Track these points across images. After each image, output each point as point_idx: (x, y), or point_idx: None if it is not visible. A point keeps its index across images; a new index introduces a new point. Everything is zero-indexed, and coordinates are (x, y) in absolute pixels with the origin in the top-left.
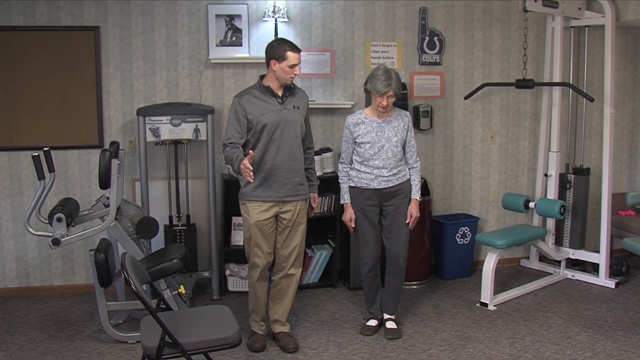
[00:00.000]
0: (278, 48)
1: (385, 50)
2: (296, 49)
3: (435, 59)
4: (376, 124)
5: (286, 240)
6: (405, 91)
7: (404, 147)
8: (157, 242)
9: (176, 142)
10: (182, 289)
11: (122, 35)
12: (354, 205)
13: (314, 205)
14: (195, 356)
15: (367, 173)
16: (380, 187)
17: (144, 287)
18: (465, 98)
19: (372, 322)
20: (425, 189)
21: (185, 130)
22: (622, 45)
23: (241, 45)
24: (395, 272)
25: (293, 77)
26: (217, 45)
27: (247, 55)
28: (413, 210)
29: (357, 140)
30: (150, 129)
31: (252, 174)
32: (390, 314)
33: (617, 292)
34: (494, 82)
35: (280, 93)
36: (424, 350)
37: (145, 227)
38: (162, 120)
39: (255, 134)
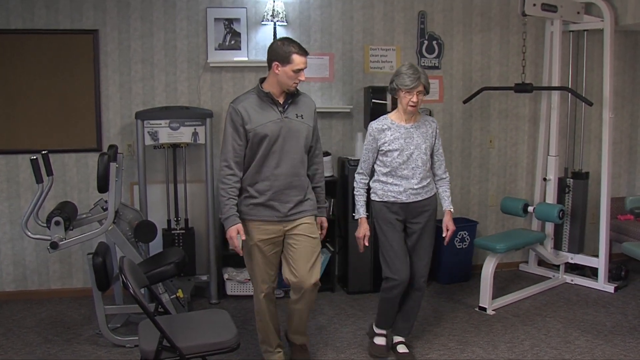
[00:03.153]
0: (282, 49)
1: (384, 55)
2: (303, 52)
3: (434, 63)
4: (404, 130)
5: (300, 260)
6: None
7: (431, 156)
8: (156, 245)
9: (175, 146)
10: (180, 293)
11: (121, 39)
12: (380, 219)
13: (322, 232)
14: None
15: (395, 185)
16: (409, 200)
17: (142, 290)
18: (464, 102)
19: (381, 341)
20: None
21: (184, 134)
22: (620, 50)
23: (240, 49)
24: (414, 293)
25: (297, 83)
26: (215, 49)
27: (246, 59)
28: (449, 223)
29: (382, 148)
30: (148, 132)
31: (239, 250)
32: (404, 337)
33: (616, 297)
34: (492, 86)
35: (281, 100)
36: (422, 355)
37: (143, 231)
38: (160, 124)
39: (253, 146)
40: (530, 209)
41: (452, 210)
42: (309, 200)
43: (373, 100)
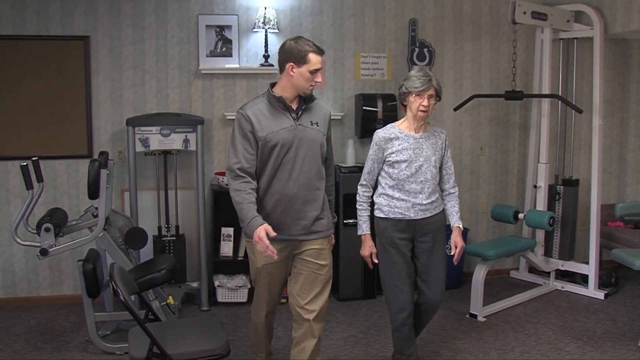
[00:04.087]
0: (297, 48)
1: (375, 62)
2: (319, 50)
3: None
4: (413, 140)
5: (304, 288)
6: (395, 102)
7: (439, 169)
8: (146, 252)
9: (165, 153)
10: (170, 300)
11: (112, 45)
12: (384, 239)
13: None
14: None
15: (402, 200)
16: (417, 217)
17: (133, 297)
18: (455, 109)
19: None
20: None
21: (175, 141)
22: (610, 57)
23: (231, 55)
24: (429, 311)
25: (314, 86)
26: (207, 56)
27: (237, 66)
28: (458, 240)
29: (389, 159)
30: (139, 139)
31: (273, 252)
32: None
33: (606, 303)
34: (483, 93)
35: (294, 106)
36: None
37: (134, 238)
38: (151, 131)
39: (263, 156)
40: (520, 216)
41: (461, 226)
42: (323, 220)
43: (364, 108)
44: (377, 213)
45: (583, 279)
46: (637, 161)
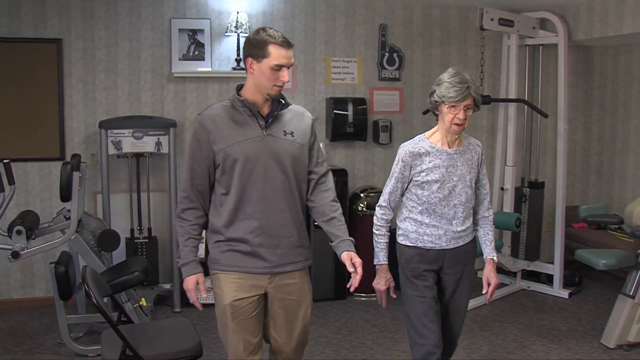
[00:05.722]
0: (256, 39)
1: (346, 66)
2: (284, 42)
3: (395, 75)
4: (446, 156)
5: (282, 326)
6: (365, 106)
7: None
8: (119, 255)
9: (138, 155)
10: (143, 302)
11: (85, 48)
12: (409, 270)
13: (351, 270)
14: None
15: (433, 226)
16: (449, 247)
17: (105, 300)
18: (424, 113)
19: None
20: None
21: (147, 144)
22: (574, 64)
23: (204, 59)
24: (446, 351)
25: (280, 87)
26: (179, 59)
27: (210, 69)
28: (491, 276)
29: (417, 178)
30: (112, 141)
31: (199, 305)
32: None
33: (571, 302)
34: None
35: (265, 111)
36: None
37: (106, 240)
38: (124, 133)
39: (225, 173)
40: None
41: (495, 259)
42: (302, 248)
43: (335, 111)
44: (402, 240)
45: (548, 279)
46: (600, 164)
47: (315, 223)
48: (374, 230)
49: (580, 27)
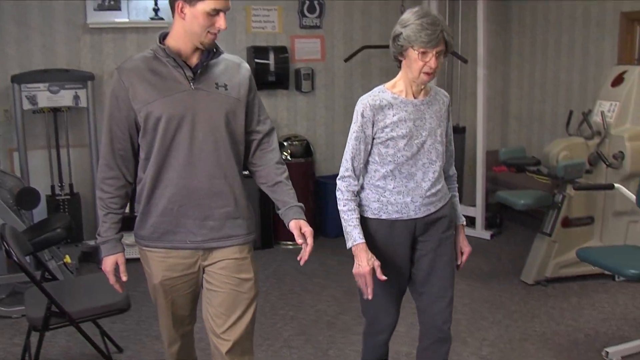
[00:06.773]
0: None
1: (266, 15)
2: None
3: (316, 23)
4: (412, 107)
5: (220, 311)
6: (287, 54)
7: None
8: (41, 213)
9: (55, 110)
10: (67, 259)
11: None
12: (373, 248)
13: (300, 242)
14: (85, 324)
15: (398, 193)
16: (418, 215)
17: (27, 259)
18: (345, 60)
19: None
20: (308, 151)
21: (64, 97)
22: (493, 13)
23: (120, 9)
24: (439, 348)
25: (214, 35)
26: (94, 10)
27: (127, 20)
28: (464, 244)
29: (380, 135)
30: (26, 96)
31: (119, 288)
32: None
33: (493, 243)
34: (373, 45)
35: (193, 62)
36: (311, 306)
37: (25, 198)
38: (39, 87)
39: (147, 134)
40: None
41: (464, 224)
42: (240, 220)
43: (256, 60)
44: (364, 212)
45: (471, 221)
46: (518, 109)
47: (260, 189)
48: (340, 207)
49: None
